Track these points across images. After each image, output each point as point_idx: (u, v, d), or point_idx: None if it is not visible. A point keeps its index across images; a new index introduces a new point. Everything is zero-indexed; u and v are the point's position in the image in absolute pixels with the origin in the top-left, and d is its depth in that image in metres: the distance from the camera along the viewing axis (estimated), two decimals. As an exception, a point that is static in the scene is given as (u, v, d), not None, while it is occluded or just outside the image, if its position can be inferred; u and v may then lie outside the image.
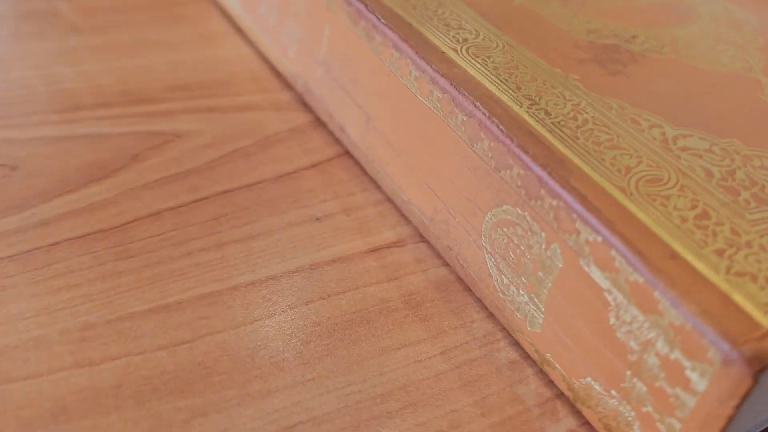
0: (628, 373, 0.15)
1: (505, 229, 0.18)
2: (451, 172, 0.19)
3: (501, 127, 0.17)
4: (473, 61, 0.19)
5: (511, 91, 0.18)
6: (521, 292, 0.18)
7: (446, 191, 0.19)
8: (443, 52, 0.20)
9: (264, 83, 0.27)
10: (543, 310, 0.17)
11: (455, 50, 0.20)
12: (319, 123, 0.26)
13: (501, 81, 0.19)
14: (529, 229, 0.17)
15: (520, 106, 0.18)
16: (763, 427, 0.16)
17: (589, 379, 0.16)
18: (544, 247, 0.16)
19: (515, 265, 0.18)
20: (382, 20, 0.21)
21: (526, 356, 0.19)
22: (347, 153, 0.24)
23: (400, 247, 0.21)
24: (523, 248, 0.17)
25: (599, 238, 0.15)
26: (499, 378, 0.18)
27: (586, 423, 0.17)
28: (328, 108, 0.24)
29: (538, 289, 0.17)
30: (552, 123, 0.17)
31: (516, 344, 0.19)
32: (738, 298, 0.14)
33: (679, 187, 0.16)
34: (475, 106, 0.18)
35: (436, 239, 0.21)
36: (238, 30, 0.30)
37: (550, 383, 0.18)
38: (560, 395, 0.18)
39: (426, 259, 0.21)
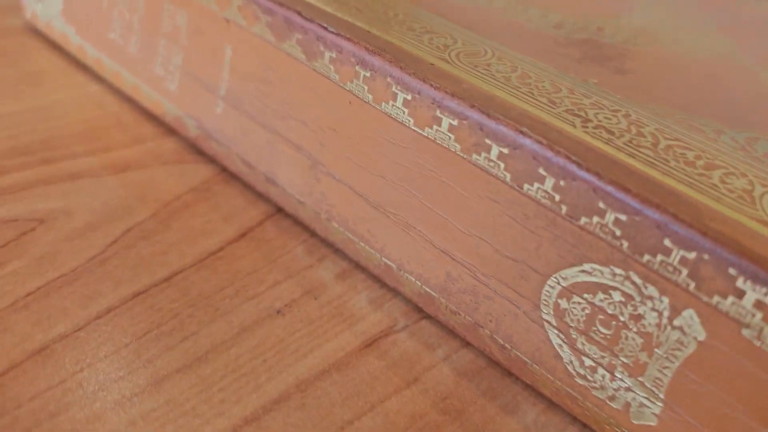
0: (833, 474, 0.11)
1: (586, 296, 0.13)
2: (480, 225, 0.14)
3: (574, 158, 0.12)
4: (476, 72, 0.15)
5: (547, 107, 0.14)
6: (619, 375, 0.13)
7: (471, 251, 0.14)
8: (433, 64, 0.15)
9: (136, 130, 0.20)
10: (661, 397, 0.12)
11: (444, 60, 0.15)
12: (230, 175, 0.19)
13: (525, 94, 0.14)
14: (638, 294, 0.12)
15: (574, 127, 0.13)
16: None
17: (750, 483, 0.12)
18: (667, 315, 0.12)
19: (608, 342, 0.13)
20: (332, 29, 0.15)
21: (616, 454, 0.14)
22: (280, 211, 0.18)
23: (398, 332, 0.16)
24: (624, 319, 0.12)
25: (784, 299, 0.11)
26: (602, 496, 0.13)
27: None
28: (242, 155, 0.18)
29: (653, 371, 0.12)
30: (624, 144, 0.13)
31: (595, 439, 0.14)
32: None
33: (814, 207, 0.12)
34: (522, 132, 0.13)
35: (449, 314, 0.15)
36: (78, 65, 0.23)
37: (661, 485, 0.14)
38: (678, 499, 0.13)
39: (439, 343, 0.16)
